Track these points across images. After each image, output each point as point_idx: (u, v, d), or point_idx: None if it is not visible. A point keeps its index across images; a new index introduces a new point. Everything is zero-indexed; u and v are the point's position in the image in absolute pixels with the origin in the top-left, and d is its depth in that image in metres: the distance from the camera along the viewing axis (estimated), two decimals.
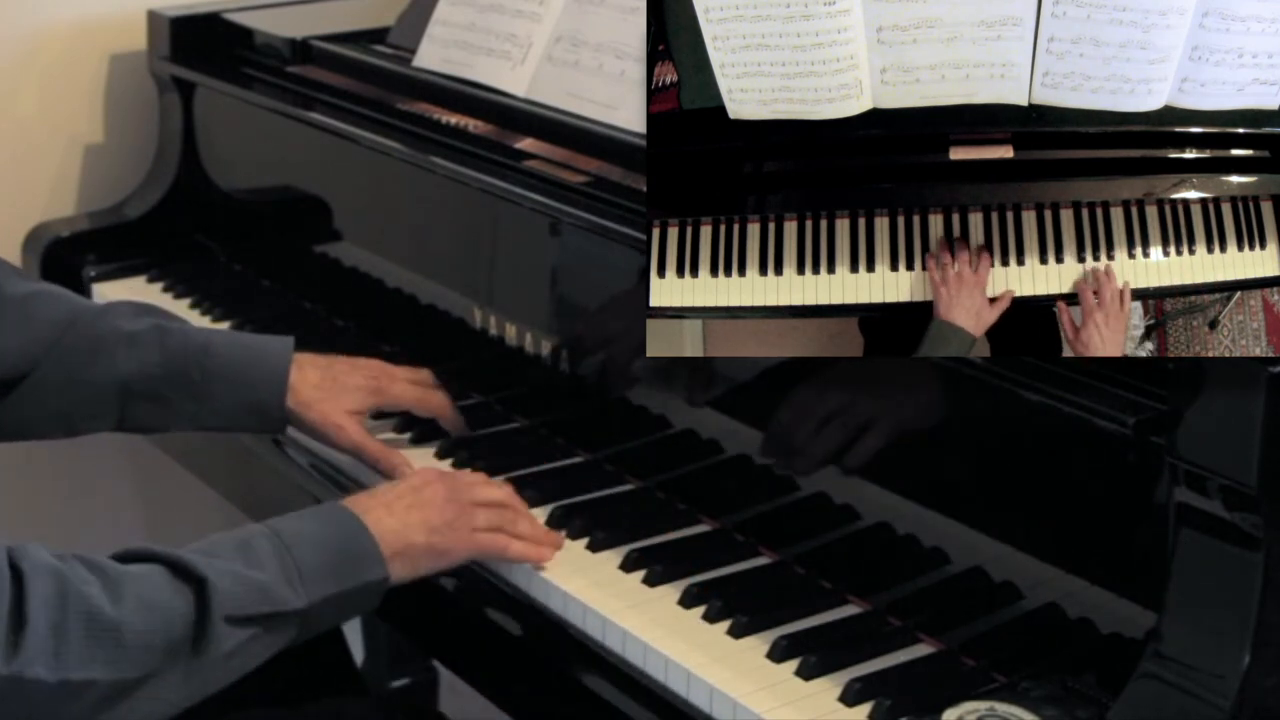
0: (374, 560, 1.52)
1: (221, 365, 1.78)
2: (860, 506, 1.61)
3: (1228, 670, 1.29)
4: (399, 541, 1.54)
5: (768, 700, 1.44)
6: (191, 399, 1.78)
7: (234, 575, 1.43)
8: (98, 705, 1.36)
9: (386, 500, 1.57)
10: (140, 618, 1.37)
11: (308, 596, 1.47)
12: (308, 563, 1.48)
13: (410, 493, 1.59)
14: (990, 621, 1.51)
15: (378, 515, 1.55)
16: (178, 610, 1.39)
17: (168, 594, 1.39)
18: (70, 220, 2.48)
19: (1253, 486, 1.28)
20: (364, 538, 1.52)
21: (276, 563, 1.46)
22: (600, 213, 1.78)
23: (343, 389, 1.81)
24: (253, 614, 1.43)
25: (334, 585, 1.49)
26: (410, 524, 1.56)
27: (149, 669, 1.37)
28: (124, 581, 1.38)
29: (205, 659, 1.41)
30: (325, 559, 1.49)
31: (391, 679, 2.56)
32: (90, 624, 1.34)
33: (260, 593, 1.44)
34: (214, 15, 2.44)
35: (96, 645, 1.34)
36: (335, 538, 1.51)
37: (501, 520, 1.63)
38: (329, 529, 1.52)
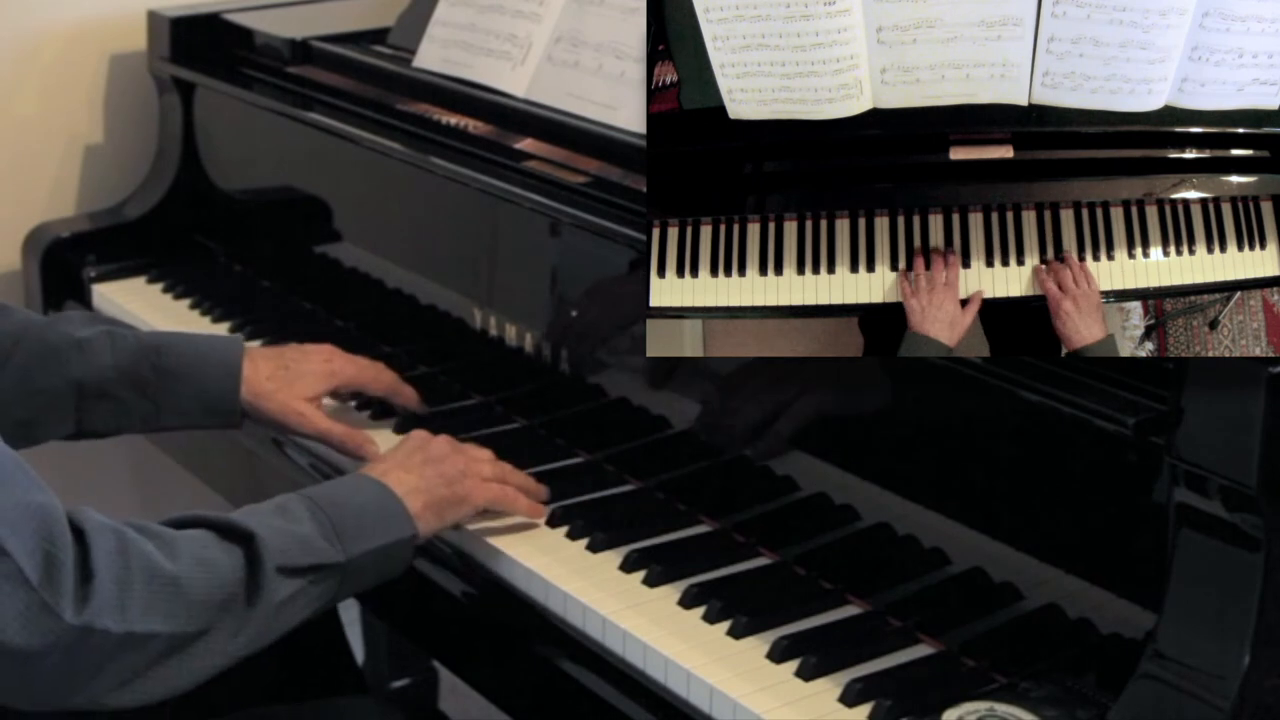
0: (403, 518, 1.58)
1: (173, 364, 1.80)
2: (860, 506, 1.61)
3: (1228, 670, 1.29)
4: (425, 498, 1.61)
5: (768, 701, 1.44)
6: (146, 399, 1.80)
7: (278, 529, 1.49)
8: (159, 657, 1.41)
9: (400, 461, 1.64)
10: (196, 573, 1.42)
11: (346, 551, 1.53)
12: (343, 520, 1.54)
13: (419, 450, 1.66)
14: (990, 622, 1.51)
15: (398, 476, 1.61)
16: (230, 566, 1.45)
17: (219, 551, 1.45)
18: (70, 220, 2.48)
19: (1253, 487, 1.28)
20: (390, 498, 1.59)
21: (313, 522, 1.52)
22: (600, 213, 1.78)
23: (297, 376, 1.84)
24: (300, 565, 1.49)
25: (369, 541, 1.55)
26: (429, 478, 1.63)
27: (207, 622, 1.43)
28: (177, 541, 1.44)
29: (258, 610, 1.46)
30: (357, 518, 1.55)
31: (391, 679, 2.56)
32: (151, 578, 1.39)
33: (304, 545, 1.50)
34: (214, 15, 2.44)
35: (158, 598, 1.39)
36: (363, 501, 1.58)
37: (502, 470, 1.71)
38: (356, 493, 1.59)
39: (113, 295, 2.34)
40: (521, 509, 1.70)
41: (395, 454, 1.67)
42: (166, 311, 2.27)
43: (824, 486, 1.64)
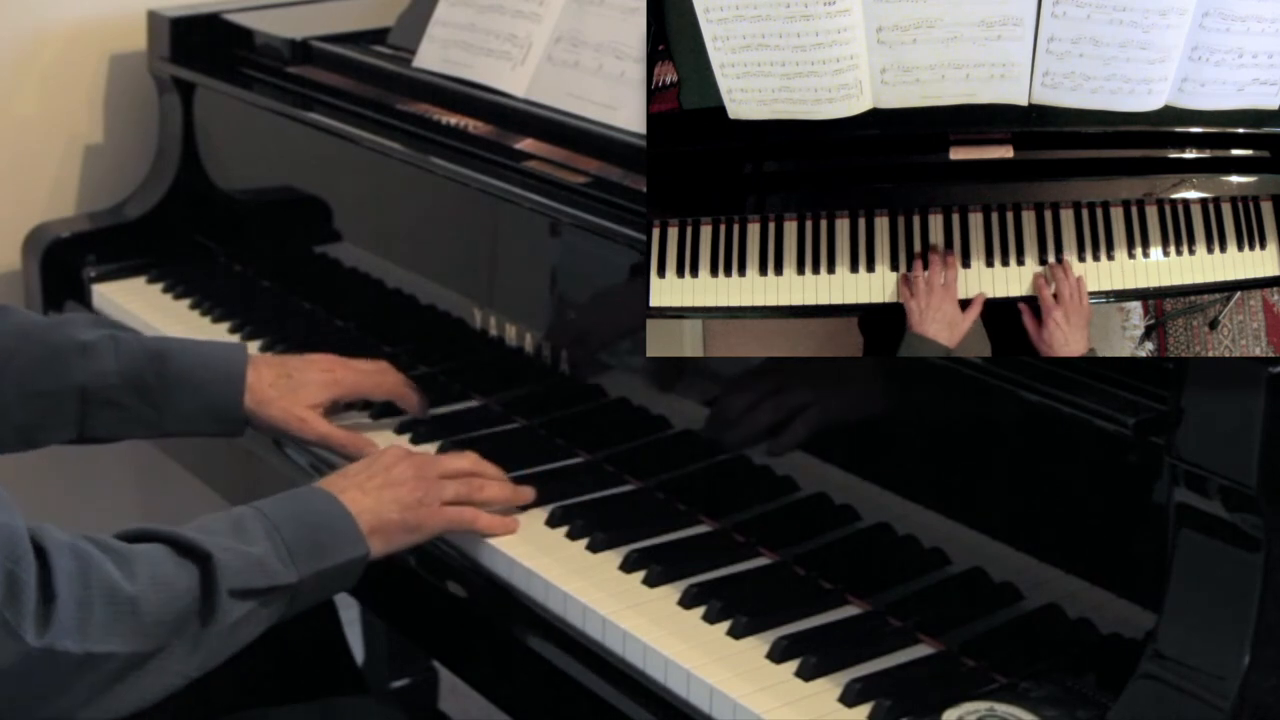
0: (354, 538, 1.58)
1: (178, 371, 1.80)
2: (860, 506, 1.61)
3: (1228, 670, 1.29)
4: (375, 520, 1.60)
5: (768, 701, 1.44)
6: (149, 405, 1.80)
7: (234, 551, 1.48)
8: (115, 677, 1.41)
9: (359, 481, 1.63)
10: (153, 593, 1.42)
11: (299, 572, 1.53)
12: (295, 541, 1.53)
13: (381, 472, 1.65)
14: (990, 622, 1.51)
15: (353, 495, 1.61)
16: (185, 585, 1.45)
17: (175, 570, 1.45)
18: (70, 220, 2.48)
19: (1253, 487, 1.28)
20: (343, 517, 1.58)
21: (268, 541, 1.52)
22: (600, 213, 1.78)
23: (300, 384, 1.85)
24: (253, 588, 1.49)
25: (320, 562, 1.55)
26: (384, 502, 1.62)
27: (161, 642, 1.43)
28: (135, 559, 1.43)
29: (211, 631, 1.46)
30: (310, 537, 1.55)
31: (391, 679, 2.56)
32: (110, 599, 1.39)
33: (259, 567, 1.50)
34: (214, 15, 2.44)
35: (116, 619, 1.39)
36: (316, 519, 1.57)
37: (469, 489, 1.69)
38: (311, 510, 1.58)
39: (113, 295, 2.34)
40: (483, 528, 1.68)
41: (359, 471, 1.66)
42: (166, 311, 2.27)
43: (824, 486, 1.64)
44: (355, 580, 1.60)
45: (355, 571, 1.59)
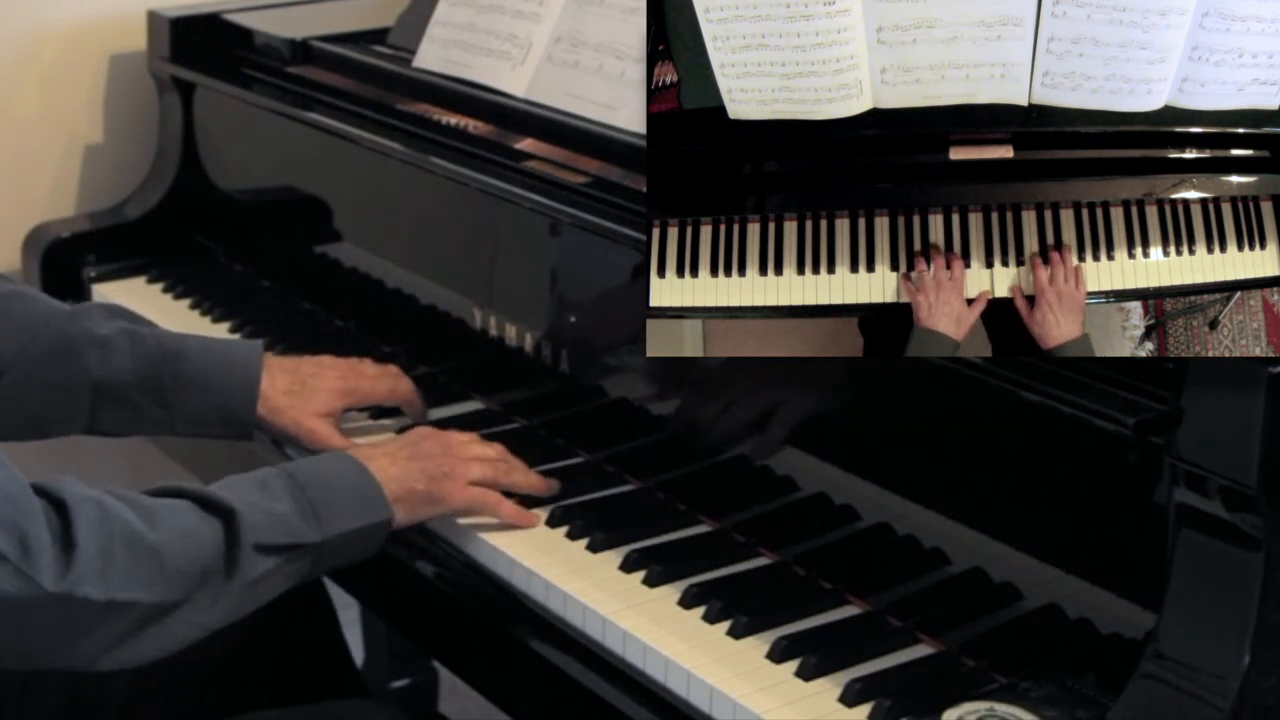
0: (379, 503, 1.60)
1: (193, 372, 1.80)
2: (860, 506, 1.61)
3: (1228, 670, 1.29)
4: (401, 487, 1.63)
5: (768, 701, 1.44)
6: (161, 406, 1.80)
7: (258, 507, 1.51)
8: (138, 625, 1.44)
9: (389, 450, 1.67)
10: (177, 544, 1.45)
11: (322, 532, 1.55)
12: (321, 501, 1.56)
13: (409, 445, 1.69)
14: (990, 622, 1.51)
15: (381, 464, 1.63)
16: (209, 538, 1.47)
17: (199, 523, 1.48)
18: (70, 220, 2.48)
19: (1253, 487, 1.28)
20: (370, 482, 1.61)
21: (292, 500, 1.54)
22: (600, 213, 1.78)
23: (313, 392, 1.84)
24: (277, 543, 1.52)
25: (345, 523, 1.57)
26: (411, 472, 1.64)
27: (185, 593, 1.46)
28: (158, 511, 1.46)
29: (234, 585, 1.49)
30: (336, 499, 1.57)
31: (391, 679, 2.56)
32: (133, 547, 1.42)
33: (283, 524, 1.52)
34: (214, 15, 2.44)
35: (139, 567, 1.42)
36: (343, 482, 1.60)
37: (495, 473, 1.71)
38: (337, 472, 1.61)
39: (113, 295, 2.33)
40: (504, 515, 1.70)
41: (388, 444, 1.70)
42: (166, 311, 2.27)
43: (824, 486, 1.64)
44: (378, 547, 1.62)
45: (379, 536, 1.61)
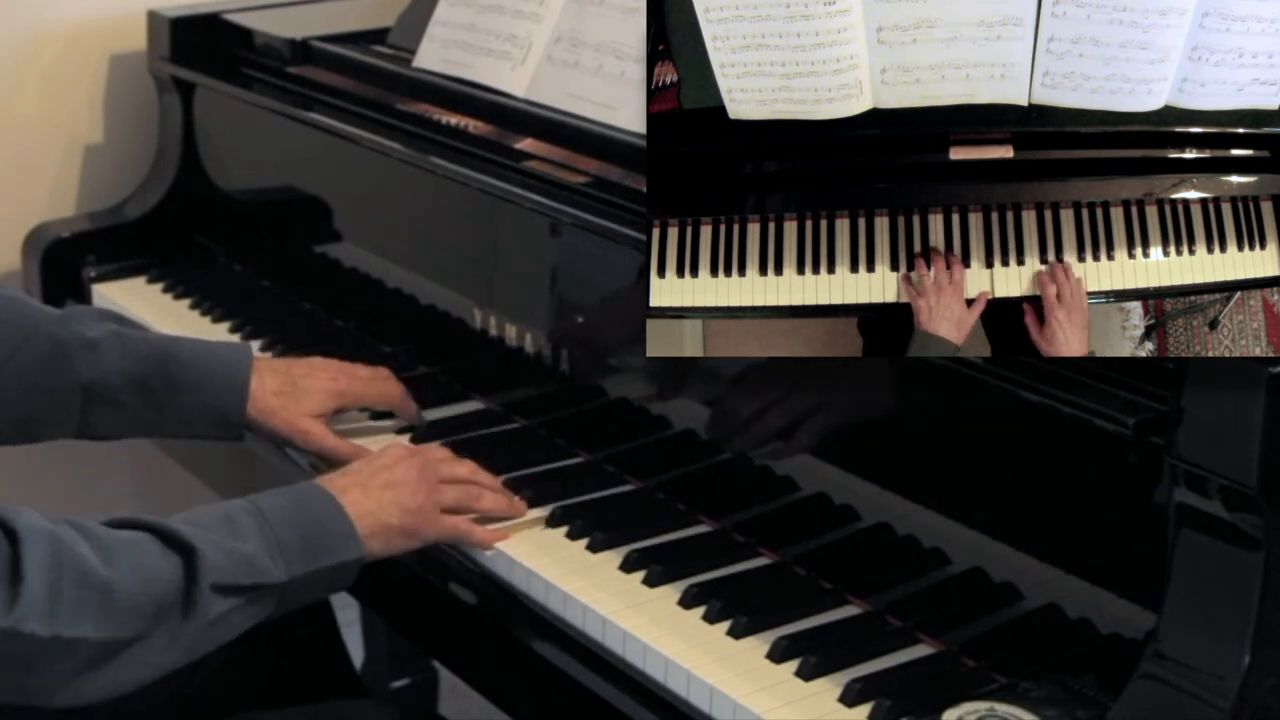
0: (351, 540, 1.57)
1: (183, 374, 1.79)
2: (860, 506, 1.61)
3: (1228, 670, 1.29)
4: (375, 523, 1.59)
5: (767, 700, 1.44)
6: (151, 408, 1.80)
7: (220, 546, 1.47)
8: (88, 663, 1.40)
9: (361, 481, 1.62)
10: (131, 580, 1.41)
11: (288, 571, 1.52)
12: (288, 540, 1.52)
13: (383, 471, 1.64)
14: (990, 622, 1.51)
15: (354, 496, 1.60)
16: (166, 576, 1.44)
17: (157, 560, 1.44)
18: (70, 220, 2.48)
19: (1253, 486, 1.28)
20: (341, 519, 1.57)
21: (260, 538, 1.51)
22: (600, 213, 1.78)
23: (304, 393, 1.84)
24: (238, 584, 1.48)
25: (313, 563, 1.54)
26: (385, 504, 1.61)
27: (138, 631, 1.42)
28: (114, 545, 1.42)
29: (191, 625, 1.45)
30: (305, 538, 1.54)
31: (391, 679, 2.56)
32: (83, 584, 1.38)
33: (246, 564, 1.49)
34: (214, 15, 2.44)
35: (88, 604, 1.38)
36: (314, 518, 1.56)
37: (468, 498, 1.69)
38: (308, 509, 1.57)
39: (113, 295, 2.33)
40: (477, 540, 1.68)
41: (361, 470, 1.65)
42: (166, 311, 2.27)
43: (824, 486, 1.64)
44: (350, 582, 1.60)
45: (350, 573, 1.58)
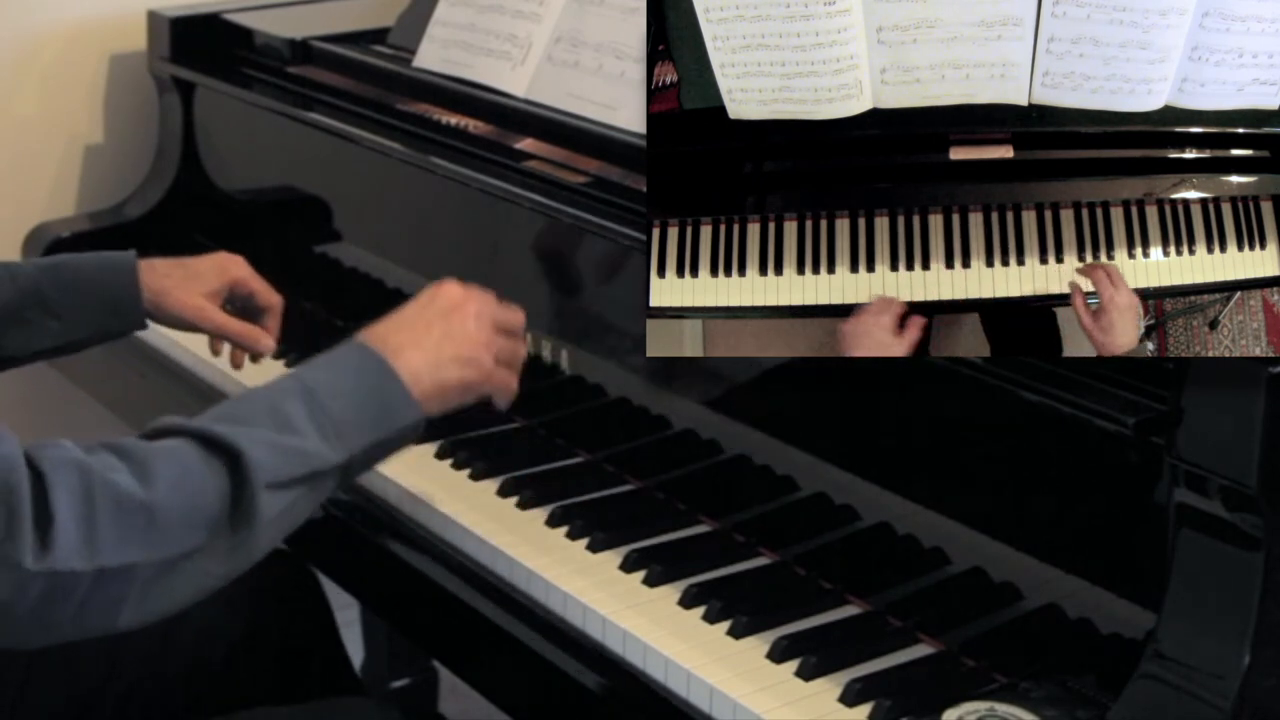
0: (408, 406, 1.51)
1: (72, 277, 1.84)
2: (860, 506, 1.61)
3: (1228, 670, 1.29)
4: (432, 382, 1.53)
5: (768, 700, 1.44)
6: (52, 316, 1.83)
7: (268, 443, 1.41)
8: (145, 585, 1.36)
9: (415, 335, 1.55)
10: (173, 497, 1.36)
11: (347, 451, 1.46)
12: (343, 417, 1.46)
13: (440, 321, 1.58)
14: (990, 622, 1.51)
15: (409, 357, 1.52)
16: (213, 485, 1.38)
17: (200, 469, 1.38)
18: (70, 220, 2.48)
19: (1253, 486, 1.28)
20: (396, 386, 1.50)
21: (312, 423, 1.44)
22: (600, 213, 1.78)
23: (193, 274, 1.88)
24: (293, 477, 1.42)
25: (370, 435, 1.48)
26: (442, 361, 1.55)
27: (190, 545, 1.37)
28: (153, 462, 1.37)
29: (248, 529, 1.39)
30: (361, 411, 1.48)
31: (391, 679, 2.56)
32: (120, 510, 1.34)
33: (298, 456, 1.43)
34: (214, 15, 2.44)
35: (130, 530, 1.34)
36: (369, 389, 1.49)
37: (515, 348, 1.64)
38: (361, 379, 1.50)
39: None
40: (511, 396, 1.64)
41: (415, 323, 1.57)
42: None
43: (824, 486, 1.64)
44: (412, 441, 1.53)
45: (410, 436, 1.52)
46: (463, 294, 1.62)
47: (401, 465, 1.83)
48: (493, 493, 1.78)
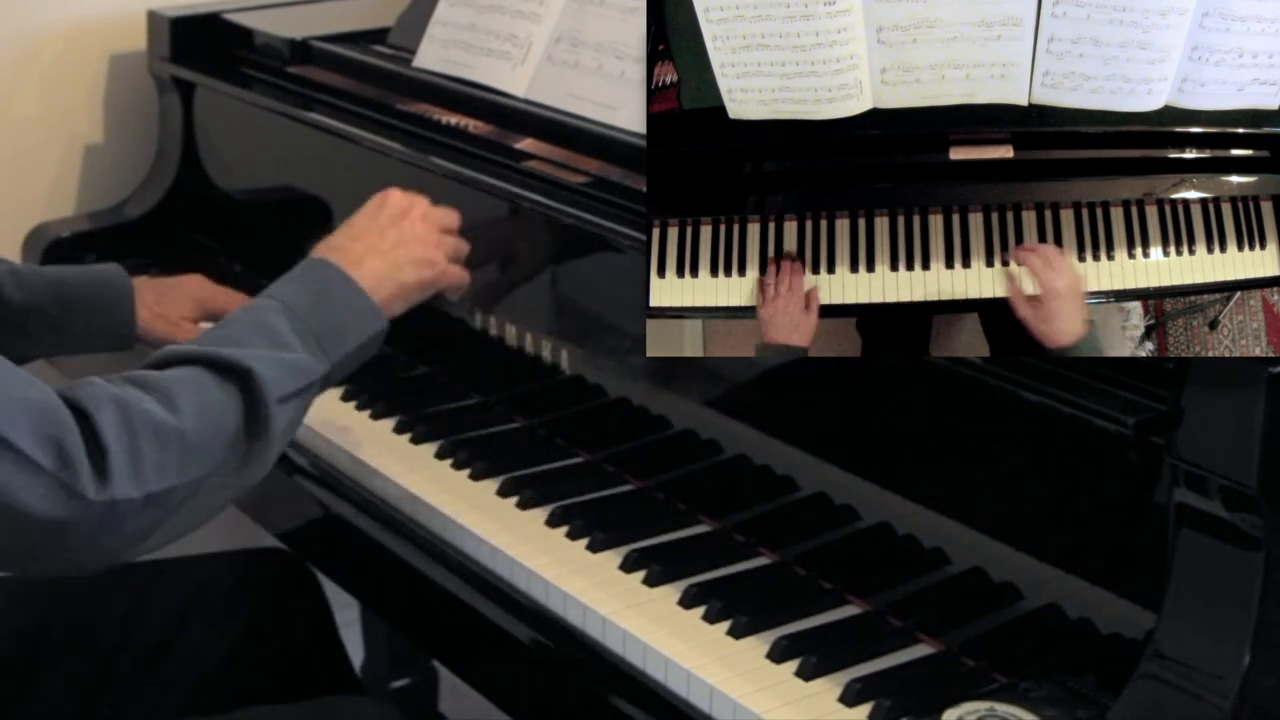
0: (373, 313, 1.63)
1: (76, 298, 1.91)
2: (860, 507, 1.61)
3: (1228, 670, 1.29)
4: (393, 286, 1.66)
5: (768, 700, 1.44)
6: (51, 330, 1.90)
7: (271, 360, 1.52)
8: (179, 505, 1.45)
9: (371, 243, 1.68)
10: (200, 421, 1.46)
11: (329, 360, 1.58)
12: (323, 329, 1.58)
13: (391, 227, 1.70)
14: (990, 622, 1.51)
15: (370, 265, 1.65)
16: (230, 405, 1.48)
17: (217, 393, 1.48)
18: (70, 220, 2.48)
19: (1253, 486, 1.28)
20: (360, 296, 1.63)
21: (297, 337, 1.56)
22: (600, 213, 1.78)
23: (170, 302, 1.98)
24: (293, 390, 1.53)
25: (347, 344, 1.60)
26: (400, 264, 1.67)
27: (215, 462, 1.47)
28: (175, 389, 1.46)
29: (263, 441, 1.50)
30: (335, 323, 1.60)
31: (391, 679, 2.56)
32: (159, 437, 1.43)
33: (296, 369, 1.54)
34: (214, 15, 2.44)
35: (168, 455, 1.43)
36: (338, 301, 1.61)
37: (459, 246, 1.77)
38: (330, 294, 1.62)
39: None
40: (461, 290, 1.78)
41: (369, 231, 1.69)
42: None
43: (824, 486, 1.64)
44: (376, 349, 1.65)
45: (376, 343, 1.64)
46: (408, 198, 1.74)
47: (401, 465, 1.84)
48: (493, 492, 1.78)
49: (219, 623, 1.86)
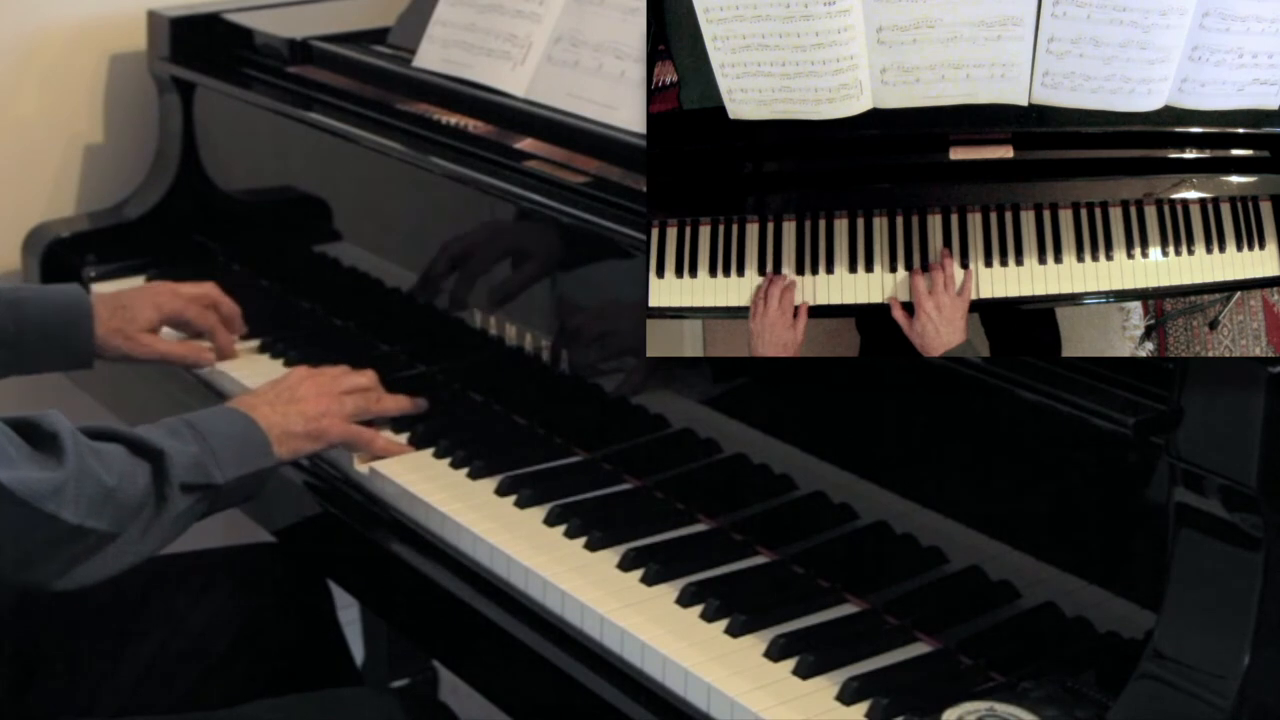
0: (266, 448, 1.77)
1: (34, 320, 1.97)
2: (858, 506, 1.61)
3: (1228, 670, 1.29)
4: (281, 432, 1.79)
5: (765, 699, 1.44)
6: (6, 348, 1.96)
7: (180, 450, 1.68)
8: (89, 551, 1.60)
9: (269, 399, 1.83)
10: (123, 484, 1.62)
11: (223, 476, 1.70)
12: (219, 449, 1.72)
13: (287, 391, 1.85)
14: (988, 620, 1.51)
15: (263, 412, 1.80)
16: (143, 479, 1.64)
17: (134, 466, 1.64)
18: (70, 220, 2.48)
19: (1253, 486, 1.28)
20: (256, 430, 1.77)
21: (198, 446, 1.70)
22: (600, 213, 1.78)
23: (130, 317, 2.03)
24: (195, 483, 1.68)
25: (240, 468, 1.73)
26: (290, 416, 1.81)
27: (123, 527, 1.62)
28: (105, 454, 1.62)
29: (160, 520, 1.65)
30: (232, 446, 1.74)
31: (391, 679, 2.56)
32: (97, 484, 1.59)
33: (198, 467, 1.69)
34: (214, 15, 2.44)
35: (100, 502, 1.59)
36: (236, 430, 1.76)
37: (368, 403, 1.88)
38: (231, 424, 1.77)
39: None
40: (378, 449, 1.85)
41: (268, 391, 1.84)
42: None
43: (822, 485, 1.64)
44: (264, 486, 1.77)
45: (264, 479, 1.77)
46: (309, 371, 1.89)
47: (400, 465, 1.84)
48: (491, 491, 1.78)
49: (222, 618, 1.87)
